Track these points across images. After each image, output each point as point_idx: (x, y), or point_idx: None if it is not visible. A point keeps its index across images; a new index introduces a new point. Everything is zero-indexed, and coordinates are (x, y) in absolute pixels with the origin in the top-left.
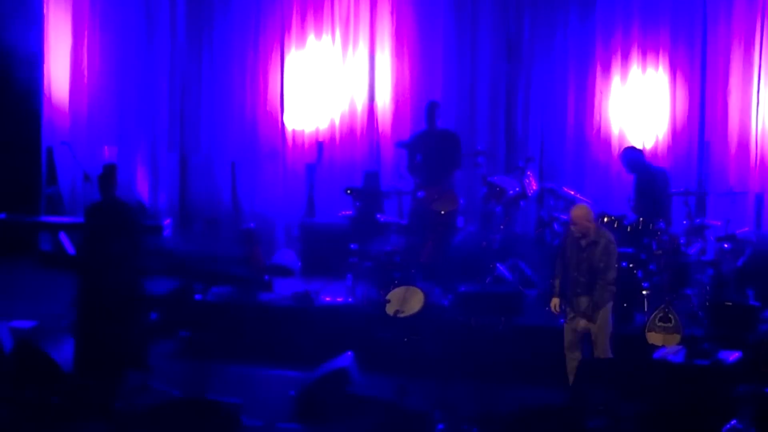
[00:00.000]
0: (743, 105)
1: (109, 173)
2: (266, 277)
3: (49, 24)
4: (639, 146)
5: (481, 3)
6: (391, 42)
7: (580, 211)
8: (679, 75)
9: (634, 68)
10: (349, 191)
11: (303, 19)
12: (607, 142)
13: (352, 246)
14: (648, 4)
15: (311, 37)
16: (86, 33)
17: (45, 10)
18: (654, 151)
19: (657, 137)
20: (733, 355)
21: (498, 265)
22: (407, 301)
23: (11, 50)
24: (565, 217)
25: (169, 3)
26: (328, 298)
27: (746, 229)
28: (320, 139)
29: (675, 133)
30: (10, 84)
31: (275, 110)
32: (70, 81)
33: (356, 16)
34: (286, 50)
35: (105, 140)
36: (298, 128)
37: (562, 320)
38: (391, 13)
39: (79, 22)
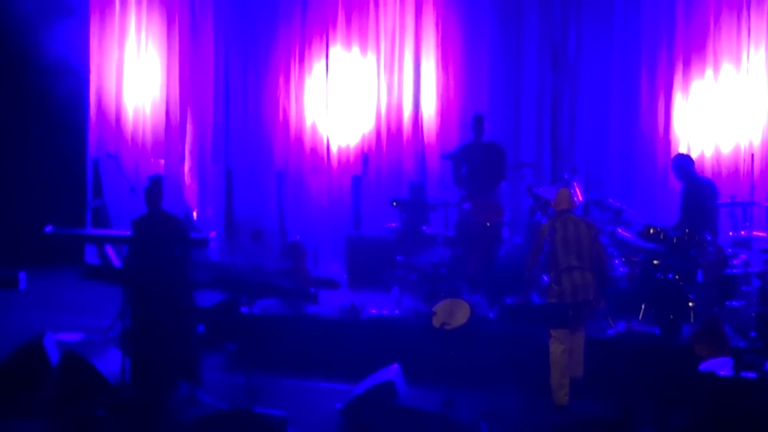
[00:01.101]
0: None
1: (155, 186)
2: (312, 289)
3: (94, 36)
4: (687, 155)
5: (526, 14)
6: (436, 53)
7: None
8: (723, 85)
9: (679, 78)
10: (395, 203)
11: (348, 31)
12: (652, 153)
13: (398, 258)
14: (692, 16)
15: (356, 49)
16: (131, 44)
17: (90, 23)
18: (700, 162)
19: (703, 147)
20: None
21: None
22: (453, 313)
23: (57, 62)
24: (611, 228)
25: (213, 16)
26: (374, 311)
27: None
28: (365, 151)
29: (721, 144)
30: (56, 96)
31: (321, 122)
32: (116, 93)
33: (402, 26)
34: (331, 61)
35: (151, 153)
36: (343, 140)
37: (610, 331)
38: (436, 24)
39: (125, 34)
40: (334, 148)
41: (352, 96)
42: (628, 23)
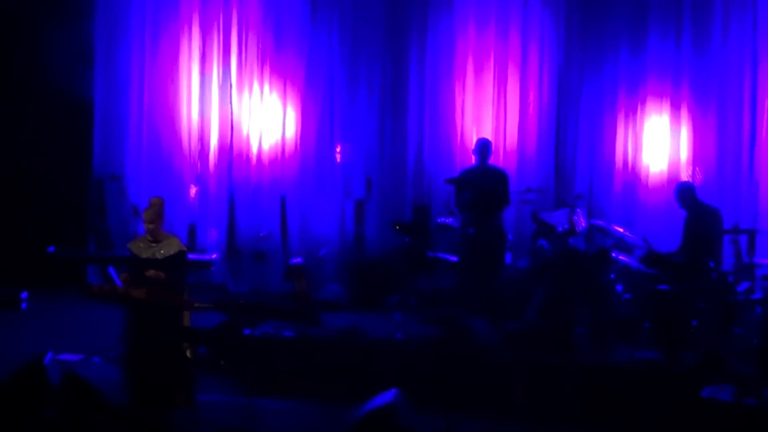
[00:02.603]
0: None
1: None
2: (314, 312)
3: (100, 58)
4: (690, 182)
5: (530, 39)
6: (440, 77)
7: None
8: (729, 113)
9: (684, 105)
10: (397, 227)
11: (355, 60)
12: (656, 180)
13: (400, 282)
14: (699, 40)
15: (361, 74)
16: (139, 65)
17: (96, 40)
18: (703, 189)
19: (707, 175)
20: None
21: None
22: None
23: (63, 84)
24: (614, 255)
25: (219, 39)
26: (375, 334)
27: None
28: (369, 175)
29: (724, 172)
30: (62, 118)
31: (325, 145)
32: (122, 114)
33: (406, 52)
34: (335, 87)
35: (155, 174)
36: (347, 163)
37: (612, 357)
38: (440, 49)
39: (132, 55)
40: (337, 171)
41: (356, 120)
42: (633, 48)
